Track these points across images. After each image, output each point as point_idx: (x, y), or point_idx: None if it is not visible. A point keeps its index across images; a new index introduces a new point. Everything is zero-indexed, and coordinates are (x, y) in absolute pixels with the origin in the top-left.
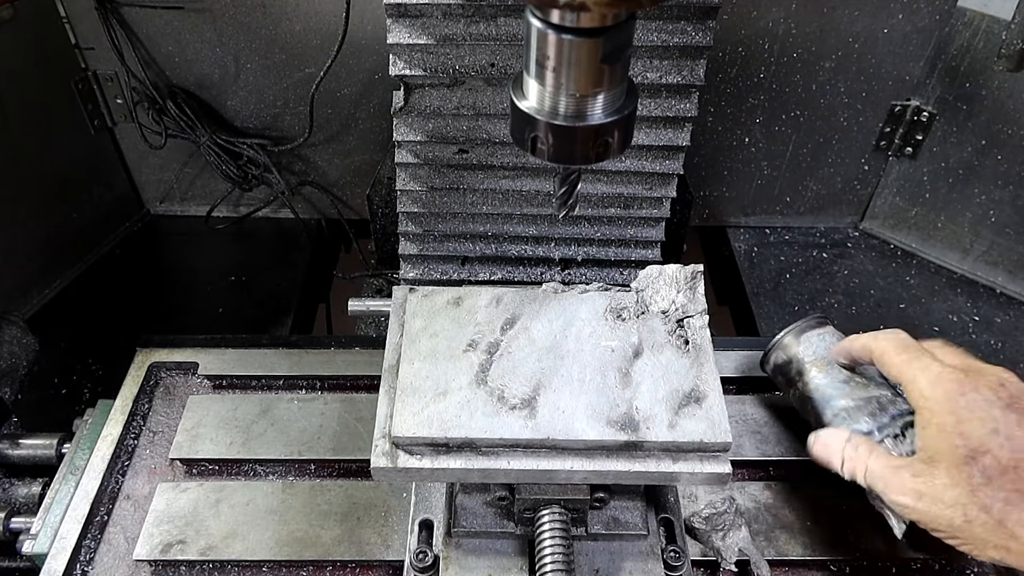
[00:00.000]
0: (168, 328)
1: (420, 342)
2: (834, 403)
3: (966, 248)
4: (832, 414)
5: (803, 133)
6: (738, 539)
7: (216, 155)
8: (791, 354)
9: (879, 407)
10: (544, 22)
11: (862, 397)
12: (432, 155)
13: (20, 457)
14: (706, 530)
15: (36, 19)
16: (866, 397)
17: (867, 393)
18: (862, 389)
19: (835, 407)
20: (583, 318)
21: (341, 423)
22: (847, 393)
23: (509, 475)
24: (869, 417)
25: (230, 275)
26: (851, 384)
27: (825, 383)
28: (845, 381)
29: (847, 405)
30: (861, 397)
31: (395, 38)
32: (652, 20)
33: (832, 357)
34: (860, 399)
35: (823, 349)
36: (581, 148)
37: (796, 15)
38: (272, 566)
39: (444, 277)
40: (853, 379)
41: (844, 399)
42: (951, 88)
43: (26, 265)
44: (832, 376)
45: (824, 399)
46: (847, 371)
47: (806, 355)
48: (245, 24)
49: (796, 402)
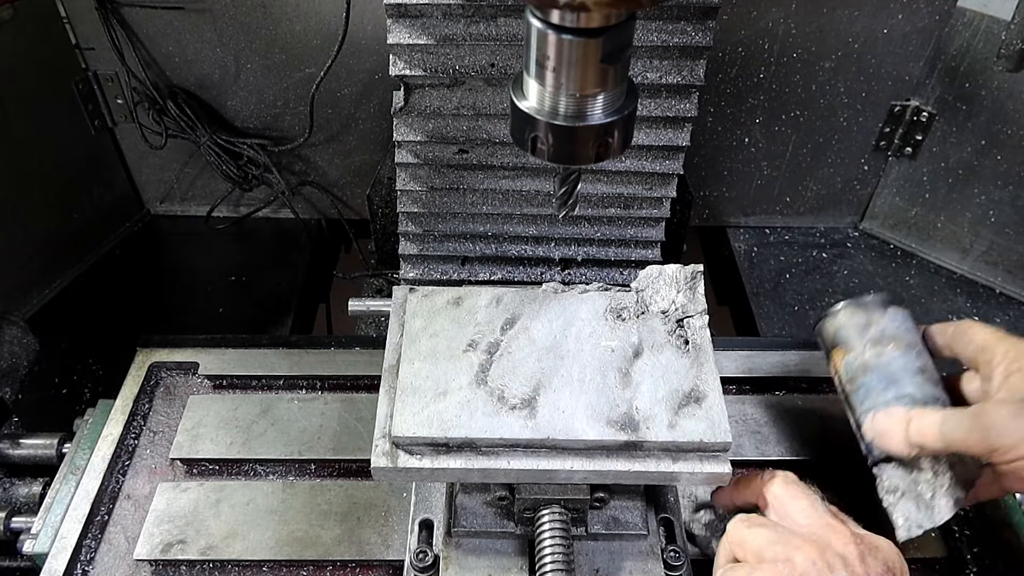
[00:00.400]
0: (168, 328)
1: (420, 342)
2: (901, 386)
3: (966, 248)
4: (895, 395)
5: (803, 133)
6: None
7: (216, 155)
8: (873, 319)
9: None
10: (544, 22)
11: (930, 393)
12: (432, 155)
13: (21, 457)
14: (706, 536)
15: (36, 19)
16: (934, 395)
17: (935, 392)
18: (931, 386)
19: (900, 391)
20: (583, 318)
21: (341, 423)
22: (918, 383)
23: (509, 475)
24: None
25: (230, 275)
26: (923, 376)
27: (898, 362)
28: (920, 370)
29: (911, 393)
30: (929, 393)
31: (395, 38)
32: (652, 20)
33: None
34: (928, 394)
35: (906, 331)
36: (581, 148)
37: (796, 15)
38: (272, 566)
39: (444, 277)
40: (926, 372)
41: (911, 387)
42: (951, 88)
43: (26, 265)
44: (909, 360)
45: (891, 377)
46: (923, 362)
47: (889, 327)
48: (245, 24)
49: (850, 372)
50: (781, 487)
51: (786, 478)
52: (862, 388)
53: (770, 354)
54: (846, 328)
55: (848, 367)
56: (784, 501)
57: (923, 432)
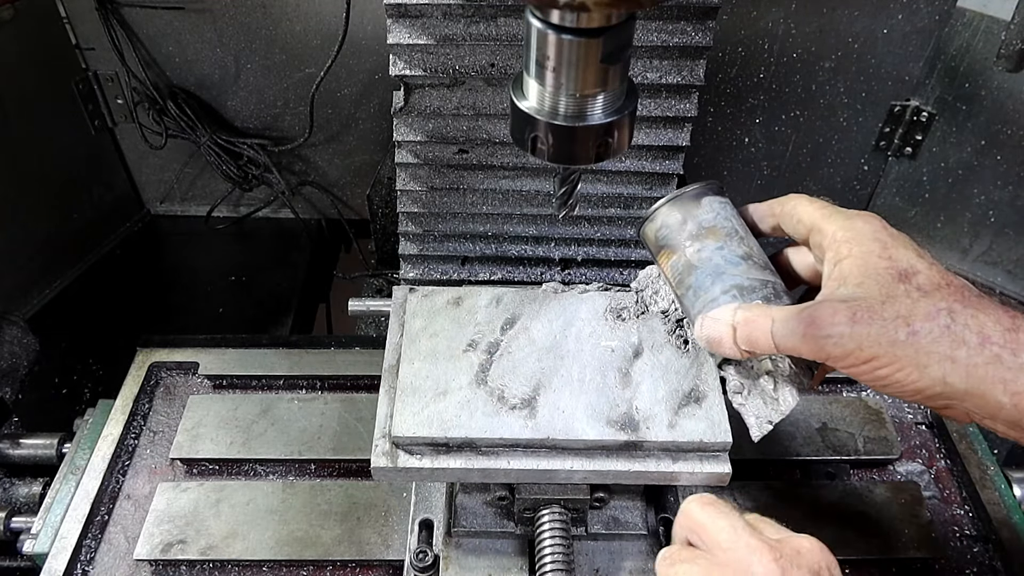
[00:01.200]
0: (168, 328)
1: (420, 342)
2: (726, 278)
3: (966, 248)
4: (721, 290)
5: (803, 133)
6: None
7: (216, 155)
8: (689, 214)
9: (775, 294)
10: (544, 22)
11: (758, 278)
12: (432, 155)
13: (21, 457)
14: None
15: (37, 19)
16: (762, 280)
17: (763, 276)
18: (758, 271)
19: (726, 283)
20: (583, 318)
21: (341, 423)
22: (743, 271)
23: (509, 475)
24: (762, 302)
25: (230, 275)
26: (748, 262)
27: (719, 254)
28: (744, 257)
29: (737, 283)
30: (757, 278)
31: (395, 38)
32: (652, 20)
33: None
34: (755, 280)
35: (724, 219)
36: (581, 148)
37: (796, 15)
38: (272, 566)
39: (444, 277)
40: (752, 258)
41: (739, 276)
42: (951, 88)
43: (26, 265)
44: (729, 249)
45: (715, 271)
46: (746, 248)
47: (705, 219)
48: (245, 24)
49: (676, 274)
50: (699, 511)
51: (702, 500)
52: (690, 290)
53: None
54: (665, 228)
55: (674, 270)
56: (705, 526)
57: (753, 339)
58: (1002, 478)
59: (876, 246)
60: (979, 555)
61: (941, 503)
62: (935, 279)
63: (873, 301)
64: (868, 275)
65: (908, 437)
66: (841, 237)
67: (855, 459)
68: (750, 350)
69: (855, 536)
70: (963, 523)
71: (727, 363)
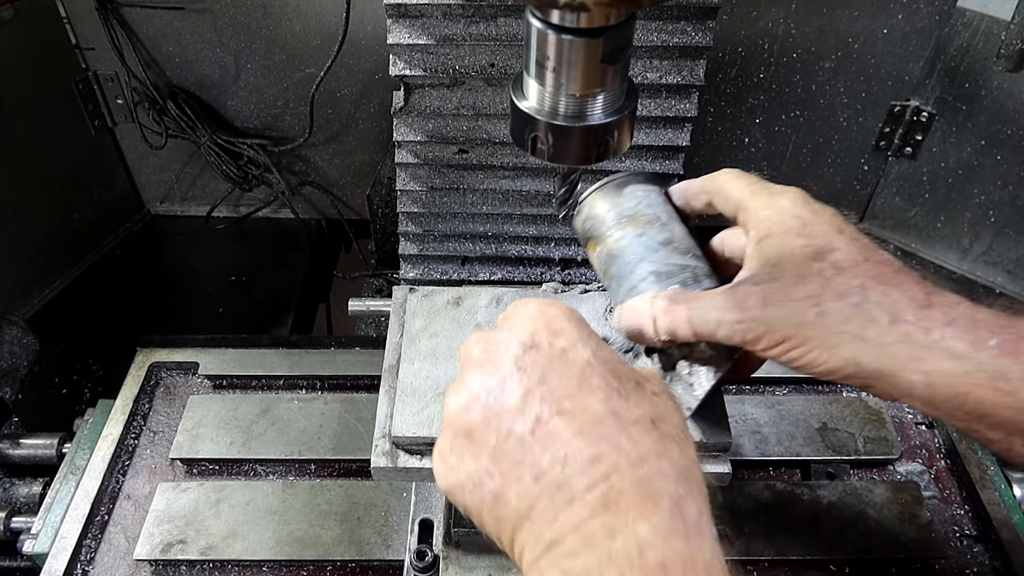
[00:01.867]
0: (168, 328)
1: (420, 342)
2: (644, 265)
3: (966, 248)
4: (638, 278)
5: (803, 133)
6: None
7: (216, 155)
8: (614, 202)
9: (693, 278)
10: (544, 22)
11: (676, 264)
12: (432, 155)
13: (21, 457)
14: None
15: (36, 19)
16: (681, 264)
17: (683, 261)
18: (679, 256)
19: (641, 271)
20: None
21: (341, 423)
22: (661, 258)
23: None
24: (680, 287)
25: (230, 275)
26: (668, 248)
27: (639, 241)
28: (664, 243)
29: (655, 269)
30: (675, 263)
31: (395, 38)
32: (652, 20)
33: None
34: (674, 265)
35: (646, 207)
36: (581, 148)
37: (796, 15)
38: (272, 566)
39: (444, 277)
40: (672, 243)
41: (654, 263)
42: (951, 88)
43: (26, 265)
44: (649, 236)
45: (632, 260)
46: (667, 233)
47: (627, 206)
48: (245, 24)
49: (601, 264)
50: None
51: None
52: (613, 280)
53: None
54: (590, 220)
55: (599, 260)
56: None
57: (672, 328)
58: (1002, 478)
59: (795, 223)
60: (979, 555)
61: (941, 503)
62: (853, 255)
63: (786, 282)
64: (784, 255)
65: (908, 437)
66: (763, 216)
67: (855, 459)
68: (670, 338)
69: (855, 536)
70: (963, 523)
71: (650, 351)
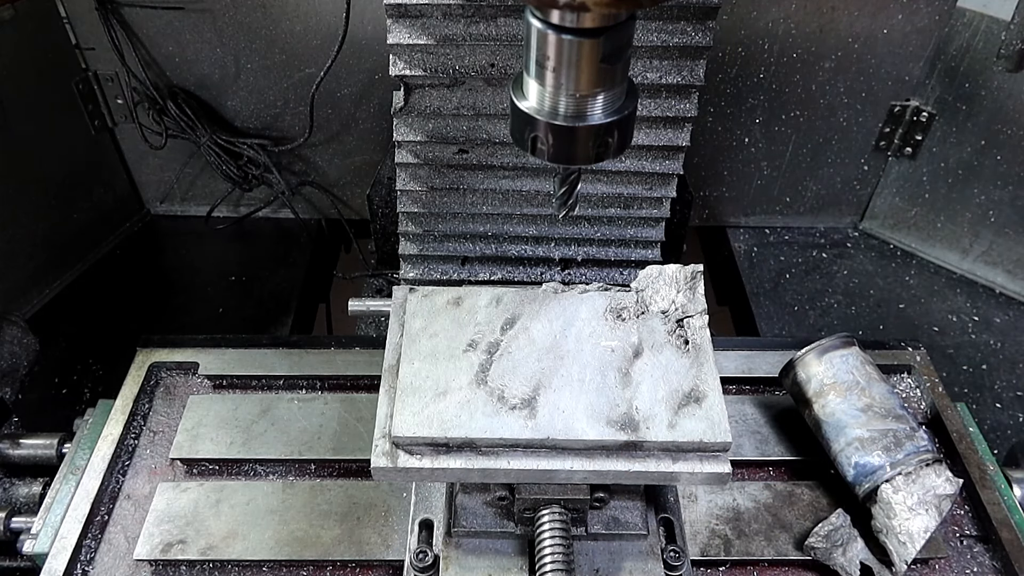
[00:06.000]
0: (168, 328)
1: (420, 342)
2: (848, 432)
3: (965, 248)
4: (845, 442)
5: (803, 133)
6: (857, 551)
7: (216, 155)
8: (811, 373)
9: (895, 442)
10: (544, 22)
11: (878, 429)
12: (432, 155)
13: (21, 457)
14: (826, 548)
15: (36, 19)
16: (883, 429)
17: (884, 425)
18: (879, 420)
19: (849, 436)
20: (583, 318)
21: (341, 423)
22: (863, 423)
23: (509, 475)
24: (883, 451)
25: (230, 275)
26: (868, 413)
27: (842, 409)
28: (863, 410)
29: (861, 435)
30: (877, 429)
31: (395, 38)
32: (652, 20)
33: (852, 379)
34: (876, 431)
35: (845, 372)
36: (581, 148)
37: (796, 15)
38: (272, 566)
39: (444, 277)
40: (872, 408)
41: (859, 428)
42: (951, 88)
43: (26, 265)
44: (850, 402)
45: (838, 426)
46: (867, 399)
47: (826, 376)
48: (245, 24)
49: (812, 425)
50: None
51: None
52: (824, 441)
53: (770, 354)
54: (796, 386)
55: (810, 422)
56: None
57: None
58: (1002, 478)
59: None
60: (979, 555)
61: None
62: None
63: None
64: None
65: None
66: None
67: None
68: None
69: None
70: (963, 523)
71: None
